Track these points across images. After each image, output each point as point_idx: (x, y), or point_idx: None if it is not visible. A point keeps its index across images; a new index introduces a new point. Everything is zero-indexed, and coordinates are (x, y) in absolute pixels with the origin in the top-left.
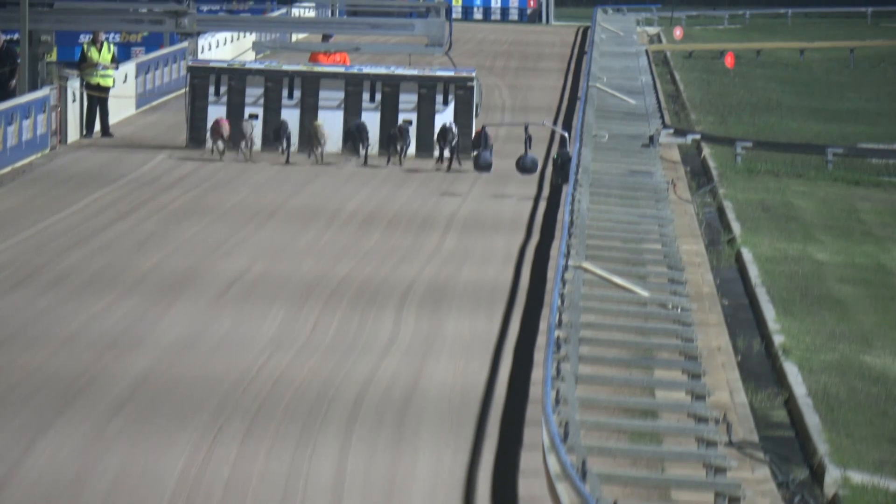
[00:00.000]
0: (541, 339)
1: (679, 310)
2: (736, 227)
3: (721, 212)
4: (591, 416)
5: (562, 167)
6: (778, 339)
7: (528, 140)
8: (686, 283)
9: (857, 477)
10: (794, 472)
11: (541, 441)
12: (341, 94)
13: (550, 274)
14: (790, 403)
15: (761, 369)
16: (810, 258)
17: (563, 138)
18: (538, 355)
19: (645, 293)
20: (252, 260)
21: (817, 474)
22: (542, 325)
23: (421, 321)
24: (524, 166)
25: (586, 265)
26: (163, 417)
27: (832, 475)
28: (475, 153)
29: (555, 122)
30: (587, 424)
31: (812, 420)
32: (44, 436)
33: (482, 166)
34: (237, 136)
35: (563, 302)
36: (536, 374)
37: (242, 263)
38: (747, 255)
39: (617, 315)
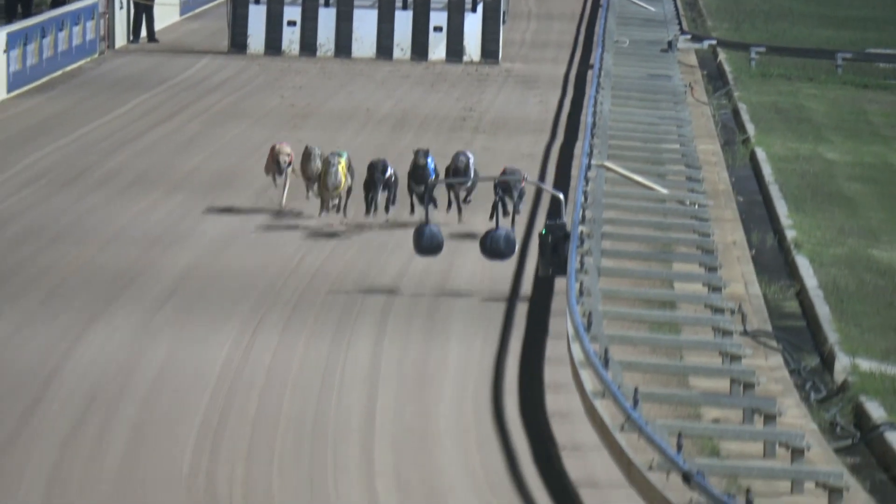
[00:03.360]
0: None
1: (696, 206)
2: (750, 128)
3: (736, 113)
4: (613, 307)
5: (554, 249)
6: (790, 234)
7: (501, 203)
8: (703, 180)
9: (865, 364)
10: (806, 360)
11: (565, 331)
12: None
13: (574, 172)
14: (802, 295)
15: (774, 263)
16: (821, 157)
17: (556, 202)
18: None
19: (664, 190)
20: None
21: (827, 362)
22: (568, 220)
23: (452, 216)
24: (493, 248)
25: (608, 164)
26: (206, 309)
27: (842, 362)
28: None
29: (578, 31)
30: (609, 315)
31: (822, 311)
32: (93, 327)
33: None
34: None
35: (586, 199)
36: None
37: None
38: (761, 155)
39: (637, 211)
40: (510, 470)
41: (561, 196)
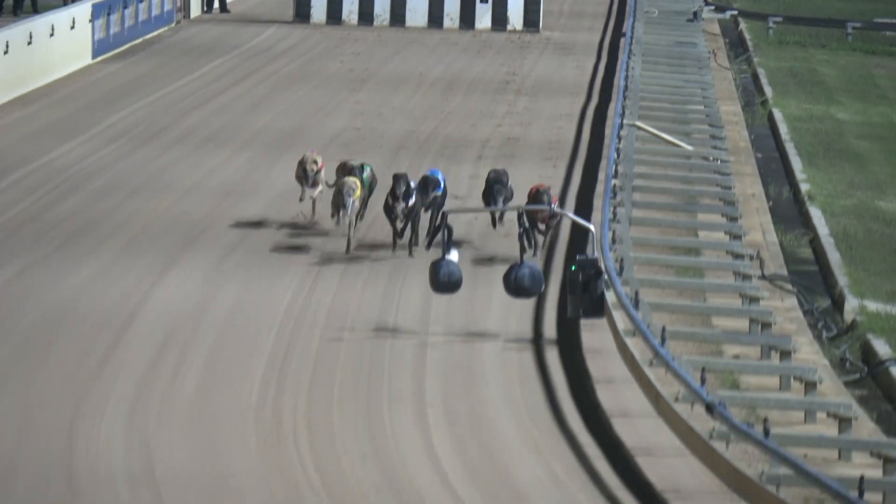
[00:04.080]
0: (599, 187)
1: (719, 162)
2: (768, 91)
3: (755, 77)
4: (642, 254)
5: (585, 287)
6: (804, 187)
7: (525, 236)
8: (725, 138)
9: (872, 305)
10: (818, 302)
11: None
12: None
13: (607, 131)
14: (814, 242)
15: (789, 213)
16: (832, 117)
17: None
18: (597, 201)
19: (689, 147)
20: (350, 119)
21: (838, 303)
22: (601, 175)
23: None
24: (518, 285)
25: (639, 123)
26: (272, 255)
27: (851, 304)
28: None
29: (611, 3)
30: (640, 261)
31: (833, 257)
32: (169, 271)
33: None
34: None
35: (618, 155)
36: (595, 217)
37: (341, 122)
38: (778, 115)
39: (665, 166)
40: (548, 401)
41: (591, 228)
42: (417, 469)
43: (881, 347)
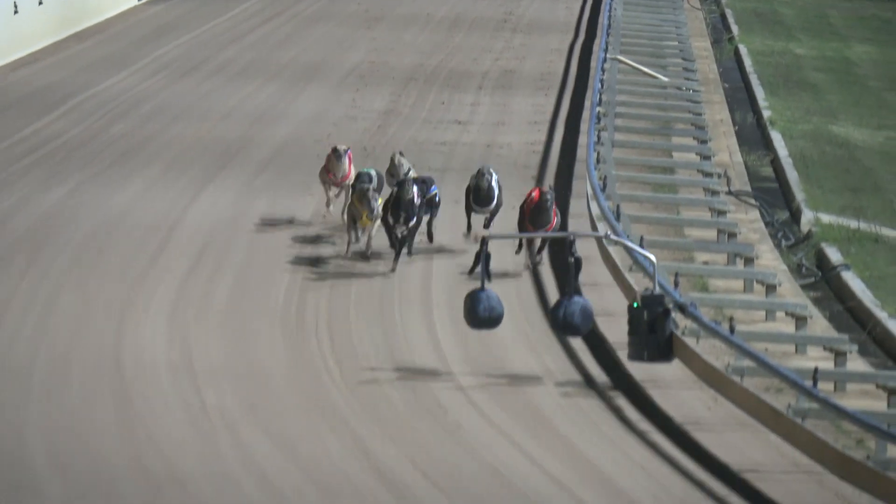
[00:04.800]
0: (585, 114)
1: (691, 91)
2: (734, 29)
3: (723, 17)
4: (623, 172)
5: (651, 328)
6: (766, 114)
7: (576, 265)
8: (696, 71)
9: (826, 218)
10: (778, 214)
11: (585, 191)
12: None
13: (593, 64)
14: (775, 162)
15: (753, 137)
16: (791, 52)
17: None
18: (583, 126)
19: (665, 79)
20: (366, 54)
21: (795, 216)
22: (587, 103)
23: (495, 98)
24: (567, 322)
25: (620, 57)
26: (298, 173)
27: (807, 216)
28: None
29: None
30: (621, 178)
31: (792, 175)
32: (207, 188)
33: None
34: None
35: (602, 85)
36: (582, 139)
37: (359, 56)
38: (743, 50)
39: (643, 95)
40: (540, 303)
41: (652, 258)
42: (424, 359)
43: (833, 254)
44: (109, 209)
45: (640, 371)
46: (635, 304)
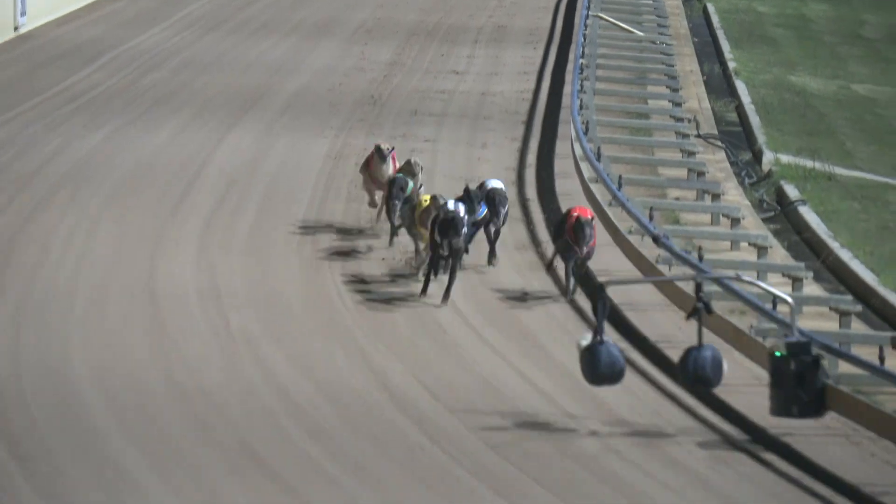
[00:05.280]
0: (570, 65)
1: (664, 45)
2: None
3: None
4: (604, 118)
5: (799, 380)
6: (731, 65)
7: (703, 309)
8: (669, 27)
9: (785, 158)
10: (742, 155)
11: (569, 134)
12: None
13: (576, 20)
14: (739, 108)
15: (720, 86)
16: (754, 10)
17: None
18: (568, 76)
19: (641, 34)
20: (373, 12)
21: (757, 156)
22: (571, 56)
23: (489, 51)
24: (698, 374)
25: (601, 14)
26: (312, 118)
27: (768, 157)
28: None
29: None
30: (601, 123)
31: (754, 120)
32: (231, 131)
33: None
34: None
35: (585, 39)
36: (566, 88)
37: (366, 14)
38: (711, 8)
39: (621, 48)
40: (530, 235)
41: (790, 300)
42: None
43: (791, 191)
44: (143, 151)
45: (617, 294)
46: (777, 354)
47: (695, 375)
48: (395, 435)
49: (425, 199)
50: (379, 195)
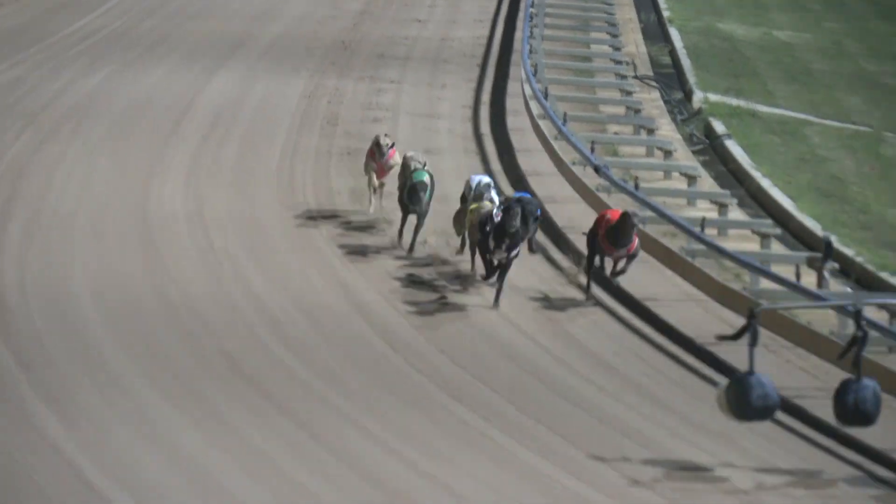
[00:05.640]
0: (521, 14)
1: None
2: None
3: None
4: (551, 61)
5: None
6: (665, 14)
7: (863, 341)
8: None
9: (713, 97)
10: (674, 94)
11: (520, 75)
12: None
13: None
14: (672, 53)
15: (655, 32)
16: None
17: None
18: (519, 23)
19: None
20: None
21: (688, 95)
22: (522, 5)
23: (448, 1)
24: (859, 410)
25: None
26: (290, 60)
27: (698, 96)
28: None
29: None
30: (549, 66)
31: (686, 63)
32: (217, 73)
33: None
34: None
35: None
36: (518, 34)
37: None
38: None
39: None
40: (483, 164)
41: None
42: (395, 213)
43: (718, 126)
44: (139, 89)
45: (560, 216)
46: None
47: (855, 412)
48: (362, 345)
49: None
50: (391, 180)
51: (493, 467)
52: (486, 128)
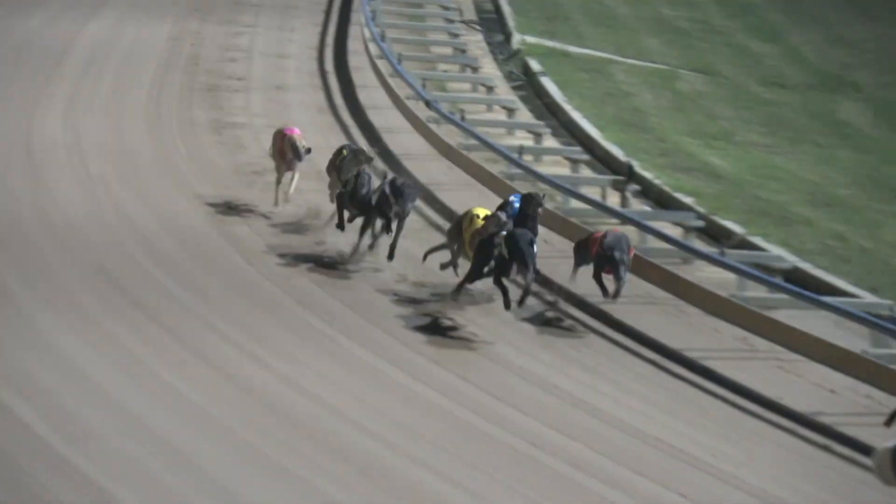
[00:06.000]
0: None
1: None
2: None
3: None
4: (387, 7)
5: None
6: None
7: None
8: None
9: (531, 39)
10: (496, 37)
11: (360, 20)
12: None
13: None
14: (494, 0)
15: None
16: None
17: None
18: None
19: None
20: None
21: (508, 38)
22: None
23: None
24: None
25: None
26: (157, 7)
27: (516, 38)
28: None
29: None
30: (386, 11)
31: (506, 9)
32: (91, 19)
33: None
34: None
35: None
36: None
37: None
38: None
39: None
40: (328, 99)
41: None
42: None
43: (535, 65)
44: (21, 34)
45: (396, 146)
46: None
47: None
48: (221, 259)
49: (479, 219)
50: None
51: (333, 363)
52: (330, 66)
